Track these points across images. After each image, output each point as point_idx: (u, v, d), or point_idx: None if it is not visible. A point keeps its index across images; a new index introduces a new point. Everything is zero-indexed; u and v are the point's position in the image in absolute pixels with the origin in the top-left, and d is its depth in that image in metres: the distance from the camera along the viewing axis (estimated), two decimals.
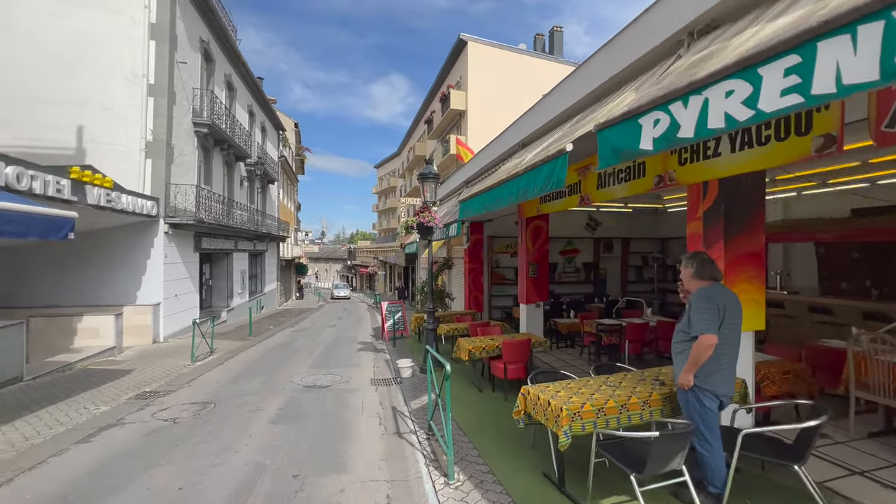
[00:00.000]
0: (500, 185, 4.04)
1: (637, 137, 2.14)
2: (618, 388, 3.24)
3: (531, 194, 3.35)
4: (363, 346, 10.85)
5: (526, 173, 3.40)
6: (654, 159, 4.02)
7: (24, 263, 10.34)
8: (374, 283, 46.07)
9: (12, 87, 10.45)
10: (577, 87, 4.66)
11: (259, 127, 21.99)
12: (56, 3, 10.71)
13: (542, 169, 3.09)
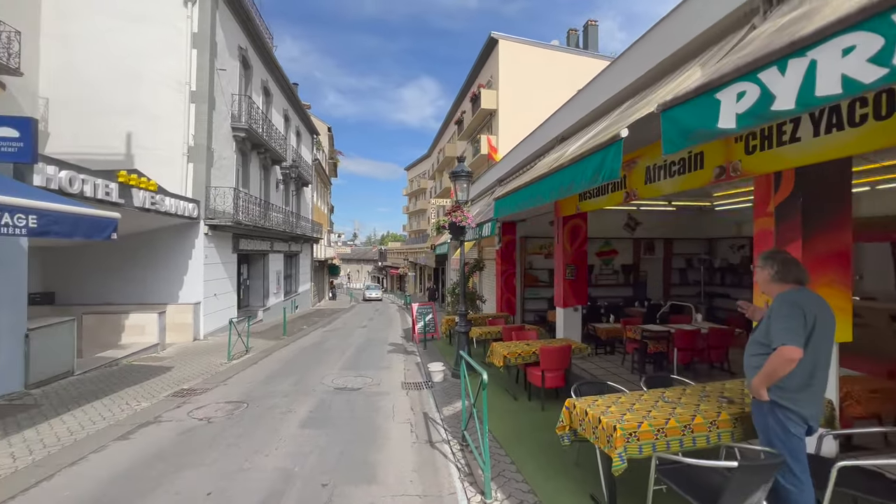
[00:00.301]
0: (540, 180, 3.75)
1: (714, 115, 1.82)
2: (678, 406, 2.87)
3: (577, 188, 3.04)
4: (394, 347, 10.75)
5: (571, 165, 3.10)
6: (714, 148, 3.60)
7: (79, 263, 10.95)
8: (405, 284, 46.37)
9: (76, 99, 11.12)
10: (625, 72, 4.29)
11: (294, 131, 22.55)
12: (112, 20, 11.31)
13: (590, 159, 2.78)
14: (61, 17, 11.11)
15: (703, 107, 1.89)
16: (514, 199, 4.55)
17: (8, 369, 5.87)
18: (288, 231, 18.78)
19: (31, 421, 4.90)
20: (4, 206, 3.75)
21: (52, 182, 6.52)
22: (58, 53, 11.06)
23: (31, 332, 6.20)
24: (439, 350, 9.94)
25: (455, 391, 6.24)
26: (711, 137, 1.93)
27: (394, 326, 16.20)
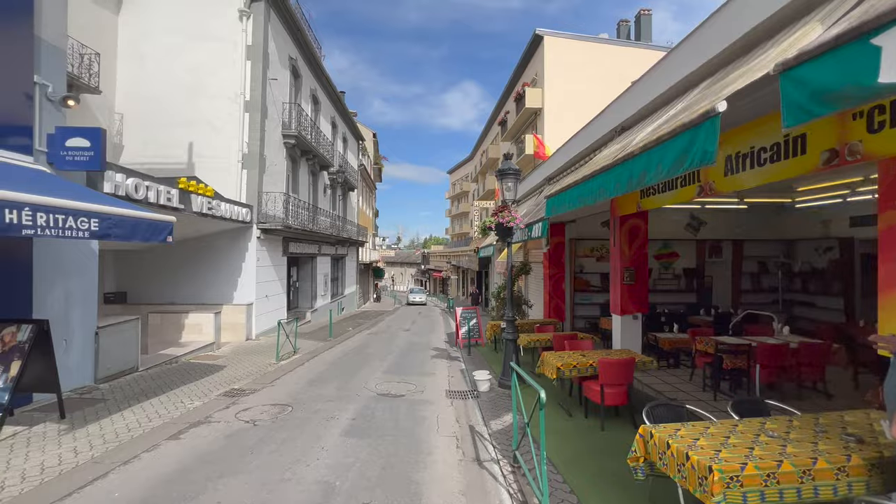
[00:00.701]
0: (603, 172, 3.31)
1: (871, 66, 1.36)
2: (788, 443, 2.33)
3: (652, 177, 2.60)
4: (437, 352, 10.52)
5: (644, 153, 2.66)
6: (821, 128, 2.98)
7: (147, 266, 11.72)
8: (447, 288, 46.32)
9: (145, 113, 11.99)
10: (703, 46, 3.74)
11: (341, 138, 23.18)
12: (177, 38, 12.09)
13: (672, 143, 2.34)
14: (135, 39, 12.04)
15: (851, 59, 1.43)
16: (569, 196, 4.13)
17: (80, 364, 6.26)
18: (335, 234, 19.24)
19: (96, 415, 5.14)
20: (69, 210, 3.91)
21: (120, 189, 6.93)
22: (131, 72, 11.99)
23: (100, 330, 6.60)
24: (484, 357, 9.56)
25: (503, 403, 5.86)
26: (862, 99, 1.46)
27: (437, 330, 16.01)
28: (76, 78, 10.12)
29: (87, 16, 10.84)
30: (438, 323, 19.33)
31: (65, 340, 6.01)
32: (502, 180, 6.70)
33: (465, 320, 11.11)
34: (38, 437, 4.39)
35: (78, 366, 6.22)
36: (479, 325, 11.37)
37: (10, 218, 3.36)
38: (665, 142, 2.43)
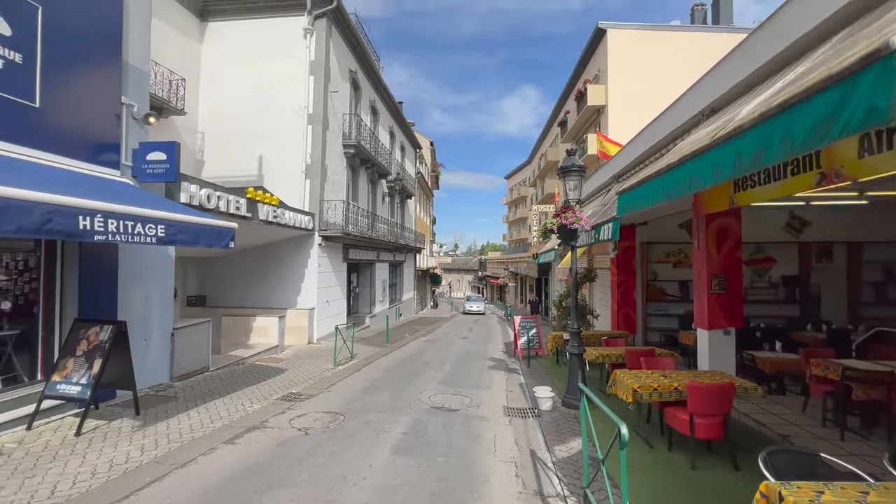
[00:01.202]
0: (696, 157, 2.69)
1: None
2: None
3: (776, 155, 1.98)
4: (494, 363, 10.01)
5: (761, 124, 2.05)
6: None
7: (224, 271, 12.58)
8: (505, 295, 45.36)
9: (224, 130, 13.00)
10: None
11: (399, 146, 23.65)
12: (250, 59, 12.99)
13: (810, 105, 1.73)
14: (214, 64, 13.15)
15: None
16: (649, 190, 3.50)
17: (158, 363, 6.70)
18: (393, 241, 19.53)
19: (166, 413, 5.38)
20: (138, 217, 4.09)
21: (195, 199, 7.40)
22: (211, 94, 13.09)
23: (175, 331, 7.03)
24: (545, 370, 8.89)
25: (568, 426, 5.24)
26: None
27: (494, 339, 15.47)
28: (165, 101, 11.20)
29: (176, 46, 12.00)
30: (496, 331, 18.73)
31: (145, 340, 6.46)
32: (565, 178, 6.12)
33: (525, 330, 10.49)
34: (113, 433, 4.65)
35: (156, 364, 6.66)
36: (539, 335, 10.68)
37: (84, 224, 3.53)
38: (794, 105, 1.83)
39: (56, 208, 3.31)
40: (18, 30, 4.69)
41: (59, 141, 5.12)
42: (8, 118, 4.60)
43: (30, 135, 4.80)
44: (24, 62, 4.75)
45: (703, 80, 5.11)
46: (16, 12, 4.67)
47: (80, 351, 4.90)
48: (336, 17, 13.37)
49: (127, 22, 6.13)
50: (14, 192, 3.01)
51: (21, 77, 4.72)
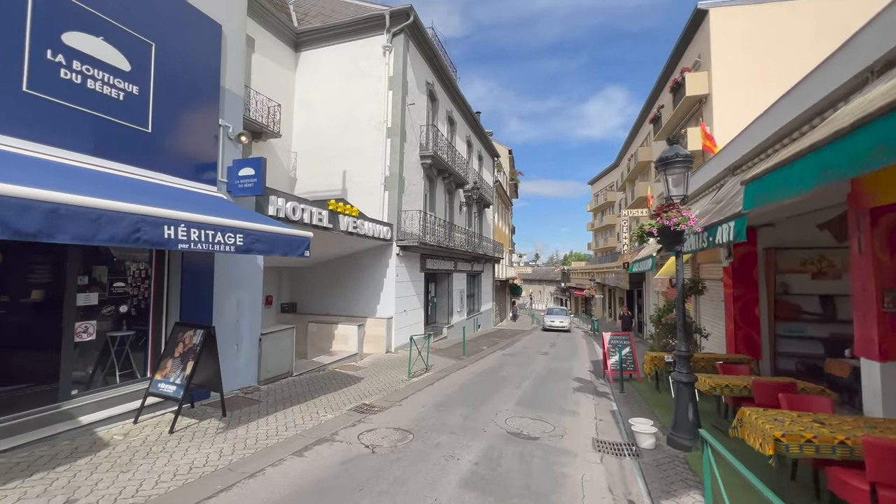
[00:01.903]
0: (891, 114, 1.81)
1: None
2: None
3: None
4: (580, 384, 8.99)
5: None
6: None
7: (313, 279, 13.32)
8: (591, 308, 42.32)
9: (313, 149, 13.98)
10: None
11: (476, 155, 23.50)
12: (338, 81, 13.84)
13: None
14: (305, 88, 14.27)
15: None
16: (801, 171, 2.55)
17: (247, 366, 7.11)
18: (470, 251, 19.25)
19: (248, 417, 5.57)
20: (217, 226, 4.26)
21: (281, 211, 7.84)
22: (303, 116, 14.20)
23: (263, 337, 7.44)
24: (642, 397, 7.68)
25: (677, 472, 4.25)
26: None
27: (580, 356, 14.17)
28: (264, 126, 12.34)
29: (274, 76, 13.24)
30: (581, 347, 17.26)
31: (236, 345, 6.89)
32: (666, 172, 5.16)
33: (616, 348, 9.30)
34: (200, 433, 4.88)
35: (245, 367, 7.07)
36: (633, 355, 9.40)
37: (169, 233, 3.72)
38: None
39: (143, 218, 3.50)
40: (136, 65, 5.31)
41: (165, 161, 5.68)
42: (126, 143, 5.20)
43: (142, 157, 5.38)
44: (140, 93, 5.36)
45: (866, 30, 3.87)
46: (134, 50, 5.30)
47: (178, 352, 5.29)
48: (413, 31, 13.67)
49: (225, 52, 6.72)
50: (107, 204, 3.22)
51: (137, 106, 5.33)
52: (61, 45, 4.58)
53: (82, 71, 4.75)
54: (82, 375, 5.19)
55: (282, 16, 13.76)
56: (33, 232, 2.80)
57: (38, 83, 4.38)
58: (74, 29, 4.71)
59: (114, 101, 5.06)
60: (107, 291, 5.41)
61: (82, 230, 3.07)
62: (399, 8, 12.97)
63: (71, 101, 4.64)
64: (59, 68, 4.55)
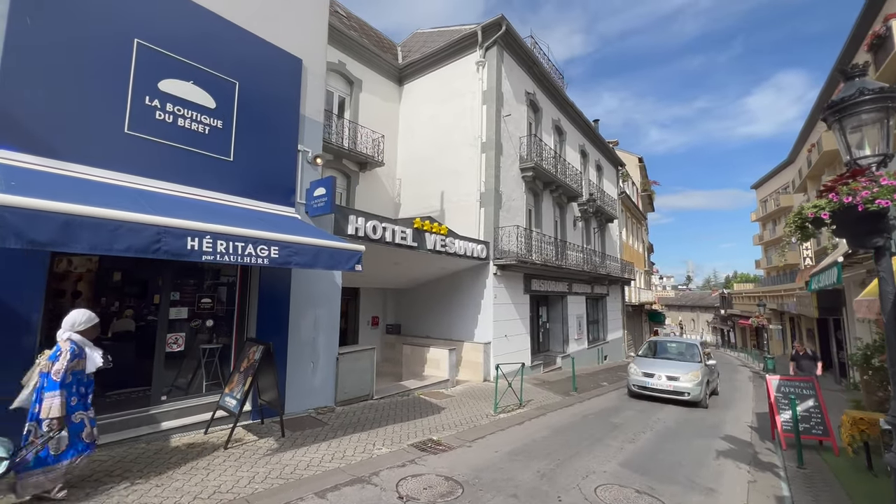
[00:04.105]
0: None
1: None
2: None
3: None
4: (731, 446, 6.50)
5: None
6: None
7: (416, 301, 13.32)
8: (765, 341, 33.43)
9: (414, 174, 14.37)
10: None
11: (593, 165, 21.28)
12: (435, 105, 14.06)
13: None
14: (407, 117, 14.92)
15: None
16: None
17: (323, 386, 7.07)
18: (589, 271, 17.05)
19: (304, 441, 5.33)
20: (249, 238, 4.16)
21: (360, 230, 7.84)
22: (405, 143, 14.80)
23: (340, 356, 7.36)
24: (838, 478, 5.02)
25: None
26: None
27: (736, 404, 10.75)
28: (369, 157, 13.16)
29: (379, 110, 14.16)
30: (743, 391, 13.25)
31: (312, 363, 6.92)
32: (843, 122, 3.25)
33: (789, 398, 6.52)
34: (249, 454, 4.76)
35: (321, 387, 7.03)
36: (821, 409, 6.46)
37: (192, 244, 3.70)
38: None
39: (165, 230, 3.53)
40: (220, 102, 5.91)
41: (246, 186, 6.11)
42: (211, 172, 5.74)
43: (224, 183, 5.86)
44: (223, 126, 5.92)
45: None
46: (219, 89, 5.91)
47: (243, 367, 5.41)
48: (507, 41, 13.11)
49: (304, 83, 7.16)
50: (124, 215, 3.31)
51: (220, 138, 5.88)
52: (158, 92, 5.30)
53: (174, 111, 5.41)
54: (171, 383, 5.70)
55: (388, 56, 14.81)
56: (45, 241, 2.94)
57: (138, 125, 5.10)
58: (169, 77, 5.43)
59: (200, 135, 5.65)
60: (195, 306, 5.95)
61: (97, 240, 3.16)
62: (490, 20, 12.63)
63: (163, 138, 5.29)
64: (154, 111, 5.25)
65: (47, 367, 3.32)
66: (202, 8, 5.83)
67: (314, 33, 7.50)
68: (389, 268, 10.51)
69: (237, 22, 6.21)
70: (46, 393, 3.24)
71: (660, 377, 9.80)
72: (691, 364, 10.22)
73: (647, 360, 10.94)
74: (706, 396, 9.83)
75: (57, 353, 3.38)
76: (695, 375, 9.62)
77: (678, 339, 12.47)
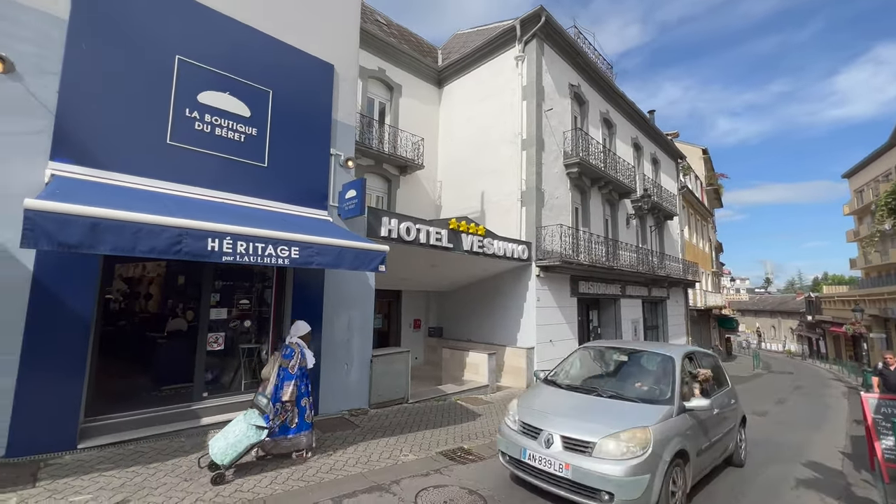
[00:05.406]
0: None
1: None
2: None
3: None
4: (814, 476, 5.53)
5: None
6: None
7: (457, 304, 13.10)
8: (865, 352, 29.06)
9: (455, 175, 14.24)
10: None
11: (648, 159, 19.84)
12: (474, 105, 13.84)
13: None
14: (447, 118, 14.84)
15: None
16: None
17: (358, 388, 7.07)
18: (645, 272, 15.84)
19: (332, 443, 5.31)
20: (269, 239, 4.20)
21: (393, 232, 7.79)
22: (445, 145, 14.72)
23: (374, 358, 7.33)
24: None
25: None
26: None
27: (825, 424, 9.28)
28: (410, 161, 13.23)
29: (419, 114, 14.20)
30: (836, 408, 11.48)
31: (346, 364, 6.95)
32: None
33: (892, 420, 5.43)
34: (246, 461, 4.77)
35: (356, 389, 7.03)
36: None
37: (213, 245, 3.79)
38: None
39: (186, 231, 3.64)
40: (255, 111, 6.13)
41: (280, 190, 6.29)
42: (247, 178, 5.97)
43: (259, 188, 6.07)
44: (258, 133, 6.14)
45: None
46: (254, 98, 6.14)
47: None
48: (547, 33, 12.57)
49: (336, 88, 7.27)
50: (145, 217, 3.44)
51: (256, 146, 6.10)
52: (197, 104, 5.60)
53: (211, 122, 5.69)
54: (212, 381, 5.95)
55: (427, 59, 14.87)
56: (75, 243, 3.12)
57: (178, 136, 5.41)
58: (207, 89, 5.72)
59: (236, 143, 5.89)
60: (234, 307, 6.19)
61: (121, 242, 3.31)
62: (529, 13, 12.18)
63: (202, 147, 5.57)
64: (194, 122, 5.55)
65: (284, 363, 4.55)
66: (237, 22, 6.11)
67: (345, 39, 7.61)
68: (426, 270, 10.41)
69: (271, 33, 6.43)
70: (285, 382, 4.48)
71: (550, 440, 3.96)
72: (640, 411, 4.13)
73: (546, 394, 4.91)
74: (665, 497, 3.75)
75: (291, 352, 4.59)
76: (637, 441, 3.73)
77: (640, 348, 5.52)
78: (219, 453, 3.93)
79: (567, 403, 4.50)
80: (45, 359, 4.23)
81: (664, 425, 3.95)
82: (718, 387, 5.48)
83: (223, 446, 3.95)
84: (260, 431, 4.13)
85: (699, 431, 4.44)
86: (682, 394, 4.39)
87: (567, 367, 5.57)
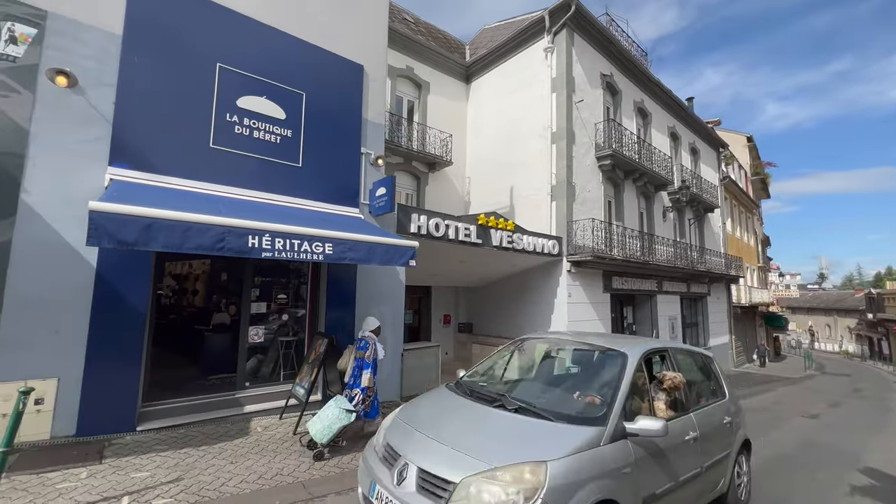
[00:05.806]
0: None
1: None
2: None
3: None
4: (871, 483, 5.17)
5: None
6: None
7: (487, 300, 13.10)
8: None
9: (483, 171, 14.21)
10: None
11: (686, 149, 18.99)
12: (503, 99, 13.74)
13: None
14: (475, 114, 14.80)
15: None
16: None
17: (389, 381, 7.24)
18: (684, 268, 15.23)
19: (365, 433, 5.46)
20: (304, 236, 4.39)
21: (422, 228, 7.90)
22: (473, 141, 14.69)
23: (405, 352, 7.48)
24: None
25: None
26: None
27: (888, 429, 8.59)
28: (438, 158, 13.32)
29: (447, 111, 14.25)
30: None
31: None
32: None
33: None
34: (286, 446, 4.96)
35: (387, 381, 7.20)
36: None
37: (253, 242, 4.00)
38: None
39: (228, 229, 3.87)
40: (289, 113, 6.38)
41: (313, 189, 6.52)
42: (282, 178, 6.23)
43: (294, 187, 6.32)
44: (292, 135, 6.39)
45: None
46: (288, 100, 6.39)
47: (311, 359, 5.75)
48: (577, 22, 12.26)
49: (366, 88, 7.44)
50: (193, 217, 3.69)
51: (290, 146, 6.36)
52: (236, 108, 5.89)
53: (250, 125, 5.97)
54: (254, 372, 6.29)
55: (455, 56, 14.86)
56: (132, 241, 3.39)
57: (220, 139, 5.72)
58: (246, 94, 6.00)
59: (272, 145, 6.16)
60: (273, 302, 6.50)
61: (171, 239, 3.57)
62: (558, 3, 11.90)
63: (241, 149, 5.87)
64: (234, 126, 5.85)
65: (360, 355, 5.13)
66: (273, 28, 6.36)
67: (374, 39, 7.75)
68: (456, 266, 10.47)
69: (302, 36, 6.65)
70: (364, 371, 5.01)
71: (403, 473, 2.67)
72: (548, 434, 2.75)
73: (438, 401, 3.55)
74: None
75: (366, 344, 5.14)
76: (522, 485, 2.36)
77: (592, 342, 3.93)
78: (317, 433, 4.43)
79: (453, 417, 3.10)
80: (108, 349, 4.62)
81: (577, 459, 2.51)
82: (704, 398, 3.96)
83: (321, 427, 4.45)
84: (349, 415, 4.58)
85: (652, 468, 2.91)
86: (628, 410, 2.94)
87: (489, 364, 4.16)
